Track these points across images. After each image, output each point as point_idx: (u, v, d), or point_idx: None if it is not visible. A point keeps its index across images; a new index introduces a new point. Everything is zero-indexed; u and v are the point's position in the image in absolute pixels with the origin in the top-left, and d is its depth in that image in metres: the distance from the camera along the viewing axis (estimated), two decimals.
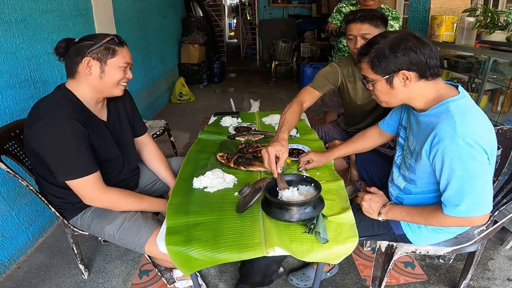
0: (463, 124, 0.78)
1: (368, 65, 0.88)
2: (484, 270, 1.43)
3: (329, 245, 0.86)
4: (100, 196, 1.00)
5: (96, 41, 0.95)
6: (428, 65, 0.82)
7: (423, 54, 0.82)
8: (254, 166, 1.24)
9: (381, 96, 0.92)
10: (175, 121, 3.33)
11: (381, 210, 0.98)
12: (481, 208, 0.80)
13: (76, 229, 1.18)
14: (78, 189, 0.97)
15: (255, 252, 0.84)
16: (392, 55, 0.83)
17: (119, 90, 1.03)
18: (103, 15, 2.34)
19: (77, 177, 0.94)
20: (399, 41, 0.83)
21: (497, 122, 1.70)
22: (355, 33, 1.29)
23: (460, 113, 0.80)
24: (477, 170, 0.78)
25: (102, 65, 0.96)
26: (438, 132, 0.81)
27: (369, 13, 1.27)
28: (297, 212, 0.90)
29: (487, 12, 1.71)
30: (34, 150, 0.96)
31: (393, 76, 0.85)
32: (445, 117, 0.81)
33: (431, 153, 0.83)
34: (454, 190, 0.81)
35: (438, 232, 1.00)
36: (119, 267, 1.48)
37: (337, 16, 2.17)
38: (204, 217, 0.97)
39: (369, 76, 0.90)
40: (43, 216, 1.70)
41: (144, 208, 1.12)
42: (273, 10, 6.07)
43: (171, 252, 0.87)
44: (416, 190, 0.97)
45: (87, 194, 0.98)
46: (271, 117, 1.80)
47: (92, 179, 0.96)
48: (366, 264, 1.46)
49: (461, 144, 0.77)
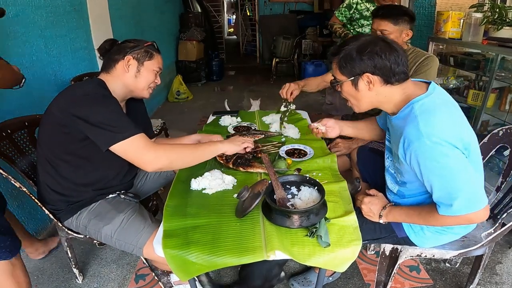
0: (427, 124, 0.79)
1: (337, 66, 0.90)
2: (492, 275, 1.40)
3: (332, 249, 0.86)
4: (156, 151, 0.96)
5: (138, 43, 1.07)
6: (393, 71, 0.84)
7: (388, 60, 0.83)
8: (253, 167, 1.22)
9: (349, 98, 0.95)
10: (172, 120, 3.30)
11: (382, 213, 0.97)
12: (475, 204, 0.79)
13: (71, 232, 1.15)
14: (133, 150, 0.94)
15: (255, 256, 0.83)
16: (358, 58, 0.85)
17: (147, 93, 1.12)
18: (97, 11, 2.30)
19: (130, 135, 0.94)
20: (367, 45, 0.85)
21: (505, 122, 1.67)
22: (375, 27, 1.37)
23: (424, 113, 0.81)
24: (454, 166, 0.78)
25: (139, 66, 1.06)
26: (406, 136, 0.82)
27: (391, 11, 1.34)
28: (299, 219, 0.90)
29: (494, 8, 1.70)
30: (64, 130, 0.96)
31: (358, 79, 0.87)
32: (410, 119, 0.82)
33: (406, 157, 0.84)
34: (440, 191, 0.81)
35: (442, 234, 0.98)
36: (114, 271, 1.46)
37: (345, 12, 2.01)
38: (202, 219, 0.97)
39: (337, 76, 0.92)
40: (36, 218, 1.67)
41: (200, 153, 1.07)
42: (273, 6, 6.01)
43: (168, 256, 0.86)
44: (409, 193, 0.97)
45: (142, 152, 0.94)
46: (271, 117, 1.76)
47: (142, 137, 0.96)
48: (370, 268, 1.43)
49: (428, 143, 0.78)
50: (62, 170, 1.05)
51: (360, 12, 1.92)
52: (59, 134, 0.99)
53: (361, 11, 1.92)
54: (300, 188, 1.02)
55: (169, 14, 4.41)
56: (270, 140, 1.49)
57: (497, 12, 1.68)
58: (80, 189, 1.08)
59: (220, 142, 1.14)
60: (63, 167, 1.04)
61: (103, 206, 1.10)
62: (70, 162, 1.04)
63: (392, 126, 0.94)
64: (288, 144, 1.43)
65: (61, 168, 1.04)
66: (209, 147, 1.10)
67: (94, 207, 1.10)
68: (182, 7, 5.01)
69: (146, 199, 1.37)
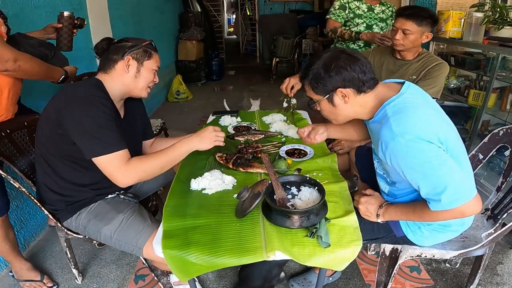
0: (399, 123, 0.81)
1: (309, 87, 0.93)
2: (493, 275, 1.40)
3: (332, 249, 0.85)
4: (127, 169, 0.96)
5: (136, 43, 1.05)
6: (362, 80, 0.86)
7: (354, 71, 0.85)
8: (253, 168, 1.21)
9: (329, 116, 0.97)
10: (172, 120, 3.29)
11: (379, 212, 0.97)
12: (463, 196, 0.79)
13: (70, 232, 1.15)
14: (107, 167, 0.95)
15: (255, 256, 0.82)
16: (327, 75, 0.87)
17: (146, 93, 1.11)
18: (97, 10, 2.29)
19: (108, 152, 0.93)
20: (331, 61, 0.87)
21: (506, 121, 1.67)
22: (398, 26, 1.38)
23: (396, 113, 0.83)
24: (432, 161, 0.79)
25: (139, 66, 1.05)
26: (382, 138, 0.84)
27: (417, 12, 1.35)
28: (299, 219, 0.90)
29: (495, 7, 1.70)
30: (58, 131, 0.96)
31: (332, 95, 0.90)
32: (384, 122, 0.85)
33: (387, 158, 0.86)
34: (426, 187, 0.81)
35: (440, 232, 0.98)
36: (114, 272, 1.46)
37: (341, 13, 1.91)
38: (202, 220, 0.96)
39: (313, 97, 0.95)
40: (35, 218, 1.66)
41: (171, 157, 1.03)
42: (273, 5, 6.00)
43: (168, 256, 0.85)
44: (400, 192, 0.98)
45: (115, 171, 0.95)
46: (271, 116, 1.75)
47: (121, 155, 0.96)
48: (370, 269, 1.43)
49: (402, 142, 0.79)
50: (59, 170, 1.04)
51: (353, 11, 1.90)
52: (55, 135, 0.98)
53: (354, 10, 1.90)
54: (300, 188, 1.01)
55: (169, 14, 4.40)
56: (270, 140, 1.49)
57: (498, 12, 1.67)
58: (78, 189, 1.07)
59: (189, 141, 1.05)
60: (60, 167, 1.04)
61: (103, 206, 1.10)
62: (67, 162, 1.03)
63: (370, 130, 0.97)
64: (288, 144, 1.43)
65: (59, 168, 1.04)
66: (180, 149, 1.04)
67: (93, 208, 1.10)
68: (181, 7, 5.00)
69: (146, 199, 1.37)
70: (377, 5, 1.90)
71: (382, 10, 1.90)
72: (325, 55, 0.89)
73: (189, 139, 1.06)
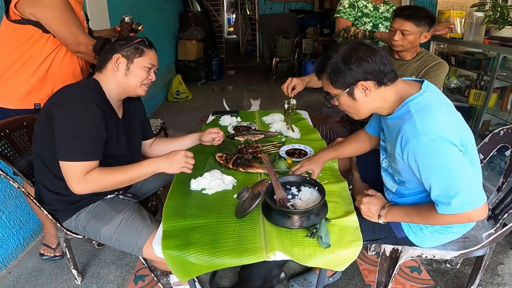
0: (423, 121, 0.80)
1: (328, 81, 0.90)
2: (494, 275, 1.39)
3: (332, 250, 0.85)
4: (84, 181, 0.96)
5: (128, 41, 1.04)
6: (383, 71, 0.85)
7: (375, 62, 0.84)
8: (253, 168, 1.21)
9: (348, 110, 0.94)
10: (172, 120, 3.28)
11: (381, 213, 0.97)
12: (474, 201, 0.79)
13: (70, 232, 1.14)
14: (68, 172, 0.96)
15: (256, 256, 0.82)
16: (347, 68, 0.85)
17: (142, 91, 1.09)
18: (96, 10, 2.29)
19: (73, 159, 0.94)
20: (350, 53, 0.85)
21: (506, 121, 1.67)
22: (397, 26, 1.37)
23: (420, 110, 0.82)
24: (451, 163, 0.78)
25: (129, 63, 1.03)
26: (403, 134, 0.82)
27: (416, 13, 1.34)
28: (299, 220, 0.89)
29: (496, 7, 1.69)
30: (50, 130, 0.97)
31: (353, 89, 0.87)
32: (406, 118, 0.83)
33: (403, 155, 0.84)
34: (438, 189, 0.81)
35: (442, 233, 0.98)
36: (113, 272, 1.45)
37: (352, 12, 1.88)
38: (202, 220, 0.96)
39: (331, 92, 0.92)
40: (35, 219, 1.66)
41: (134, 175, 1.02)
42: (273, 5, 5.99)
43: (168, 256, 0.85)
44: (408, 192, 0.97)
45: (72, 179, 0.96)
46: (271, 116, 1.75)
47: (85, 166, 0.95)
48: (371, 269, 1.43)
49: (425, 140, 0.78)
50: (56, 170, 1.02)
51: (361, 10, 1.89)
52: (49, 134, 0.98)
53: (362, 9, 1.90)
54: (300, 188, 1.01)
55: (169, 13, 4.39)
56: (270, 140, 1.49)
57: (499, 11, 1.67)
58: None
59: (157, 162, 1.01)
60: (57, 167, 1.01)
61: (102, 206, 1.10)
62: None
63: (387, 126, 0.95)
64: (288, 144, 1.43)
65: (56, 168, 1.02)
66: (145, 169, 1.01)
67: (92, 208, 1.09)
68: (181, 6, 4.99)
69: (146, 199, 1.36)
70: (382, 4, 1.90)
71: (386, 9, 1.91)
72: (343, 48, 0.86)
73: (157, 160, 1.02)
